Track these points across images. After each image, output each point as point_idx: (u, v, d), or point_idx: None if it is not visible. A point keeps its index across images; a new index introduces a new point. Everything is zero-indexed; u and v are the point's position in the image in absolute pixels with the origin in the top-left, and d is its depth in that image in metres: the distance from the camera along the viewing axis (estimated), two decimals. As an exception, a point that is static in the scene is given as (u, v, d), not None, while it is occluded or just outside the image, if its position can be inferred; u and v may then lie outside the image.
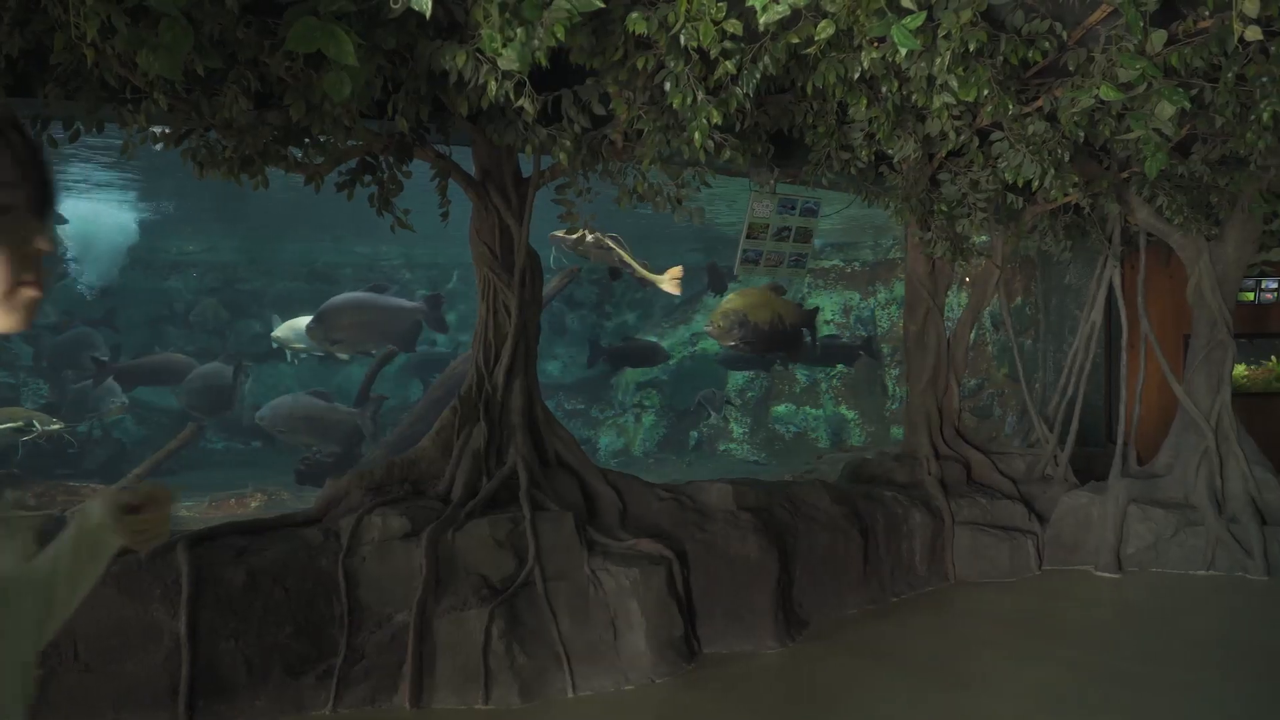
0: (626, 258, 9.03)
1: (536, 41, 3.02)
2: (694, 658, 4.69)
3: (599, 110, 4.13)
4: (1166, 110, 3.47)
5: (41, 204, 1.12)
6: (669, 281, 10.03)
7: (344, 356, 11.39)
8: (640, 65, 3.69)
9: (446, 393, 8.37)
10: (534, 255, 5.15)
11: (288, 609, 4.08)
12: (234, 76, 3.57)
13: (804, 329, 11.47)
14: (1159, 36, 3.57)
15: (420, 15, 2.82)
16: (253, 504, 8.39)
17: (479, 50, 3.34)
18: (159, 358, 12.43)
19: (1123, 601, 5.71)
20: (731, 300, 10.84)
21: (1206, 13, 3.80)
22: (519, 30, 2.99)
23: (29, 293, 1.10)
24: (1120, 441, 6.87)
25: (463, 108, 4.06)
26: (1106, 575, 6.15)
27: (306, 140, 4.14)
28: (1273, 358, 10.58)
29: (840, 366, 13.31)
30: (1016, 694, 4.23)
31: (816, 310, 12.53)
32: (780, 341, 11.11)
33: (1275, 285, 10.00)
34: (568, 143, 4.26)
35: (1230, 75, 4.04)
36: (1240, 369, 10.07)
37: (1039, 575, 6.20)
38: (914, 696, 4.22)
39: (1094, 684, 4.32)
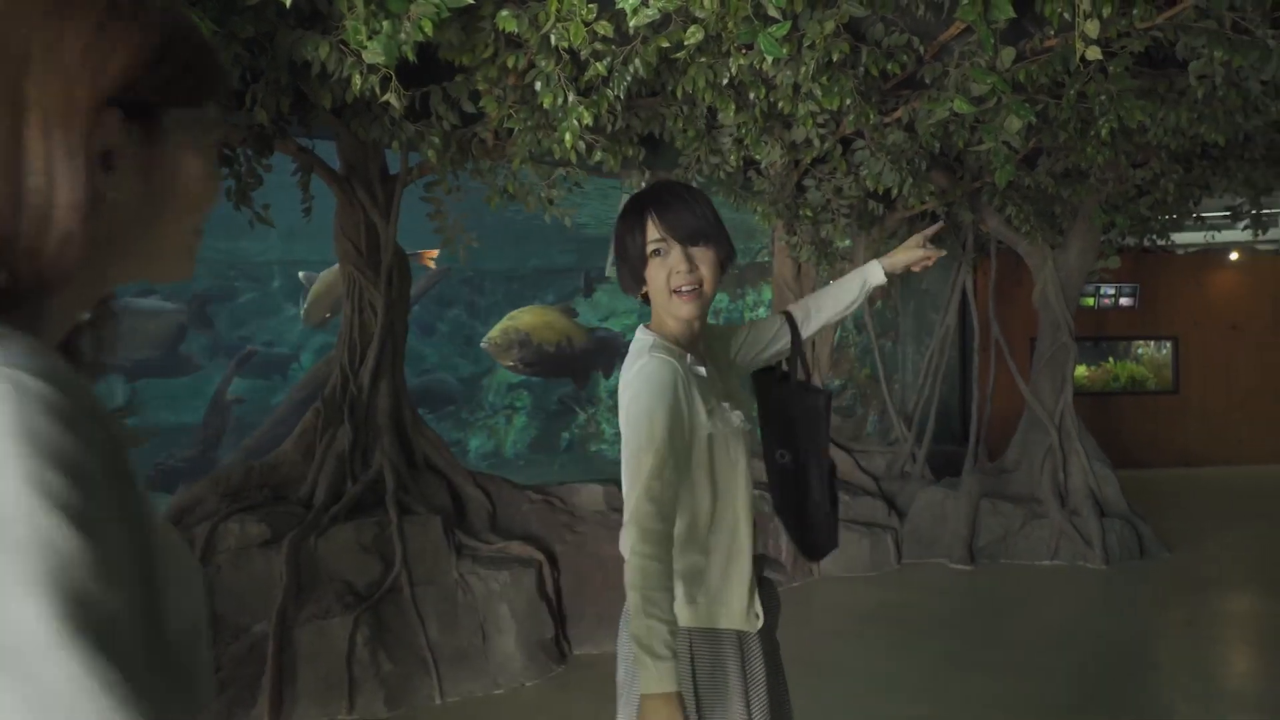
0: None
1: (403, 35, 2.95)
2: (565, 659, 4.68)
3: (469, 108, 4.07)
4: (1014, 124, 3.65)
5: None
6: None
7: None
8: (511, 64, 3.65)
9: (309, 395, 8.12)
10: (401, 253, 5.04)
11: (136, 622, 3.88)
12: (77, 60, 3.37)
13: (596, 355, 11.29)
14: (1008, 53, 3.75)
15: (280, 3, 2.72)
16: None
17: (343, 42, 3.25)
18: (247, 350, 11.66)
19: (975, 592, 5.97)
20: (515, 317, 10.59)
21: (1052, 32, 4.01)
22: (385, 23, 2.92)
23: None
24: (972, 439, 7.20)
25: (326, 100, 3.94)
26: (960, 567, 6.43)
27: (157, 129, 3.94)
28: (1110, 359, 11.30)
29: None
30: (875, 683, 4.37)
31: (613, 342, 12.40)
32: (565, 366, 10.89)
33: (1113, 291, 10.68)
34: (436, 140, 4.18)
35: (1072, 92, 4.27)
36: (1081, 370, 10.72)
37: (898, 569, 6.43)
38: (780, 690, 4.32)
39: (948, 671, 4.50)
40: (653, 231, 1.83)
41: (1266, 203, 7.50)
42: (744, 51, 3.45)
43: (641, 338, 1.88)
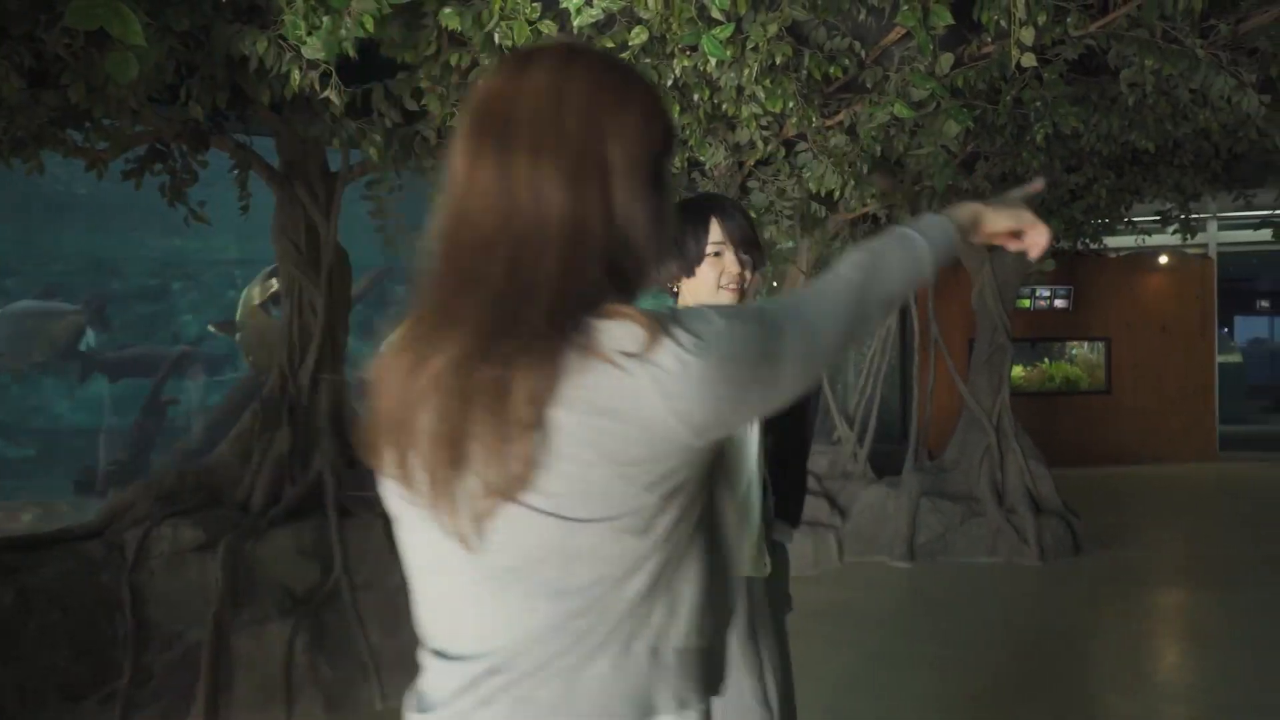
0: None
1: (344, 31, 2.91)
2: (508, 662, 4.65)
3: (411, 106, 4.02)
4: (952, 128, 3.71)
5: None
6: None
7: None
8: (454, 61, 3.61)
9: (246, 396, 7.97)
10: (342, 253, 4.97)
11: (65, 630, 3.77)
12: (5, 52, 3.26)
13: None
14: (946, 59, 3.81)
15: (216, -4, 2.66)
16: (25, 517, 7.70)
17: (281, 37, 3.19)
18: (141, 349, 11.46)
19: (915, 589, 6.07)
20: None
21: (989, 39, 4.09)
22: (325, 19, 2.87)
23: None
24: (912, 439, 7.31)
25: (264, 97, 3.87)
26: (901, 565, 6.53)
27: (88, 124, 3.84)
28: (1046, 360, 11.55)
29: None
30: (818, 680, 4.41)
31: None
32: None
33: (1048, 293, 10.92)
34: (378, 138, 4.13)
35: (1008, 98, 4.36)
36: (1018, 370, 10.94)
37: (840, 567, 6.50)
38: (724, 689, 4.34)
39: (889, 668, 4.57)
40: (715, 234, 2.15)
41: (1195, 208, 7.73)
42: (688, 53, 3.45)
43: None
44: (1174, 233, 7.73)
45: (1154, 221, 7.95)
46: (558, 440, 0.88)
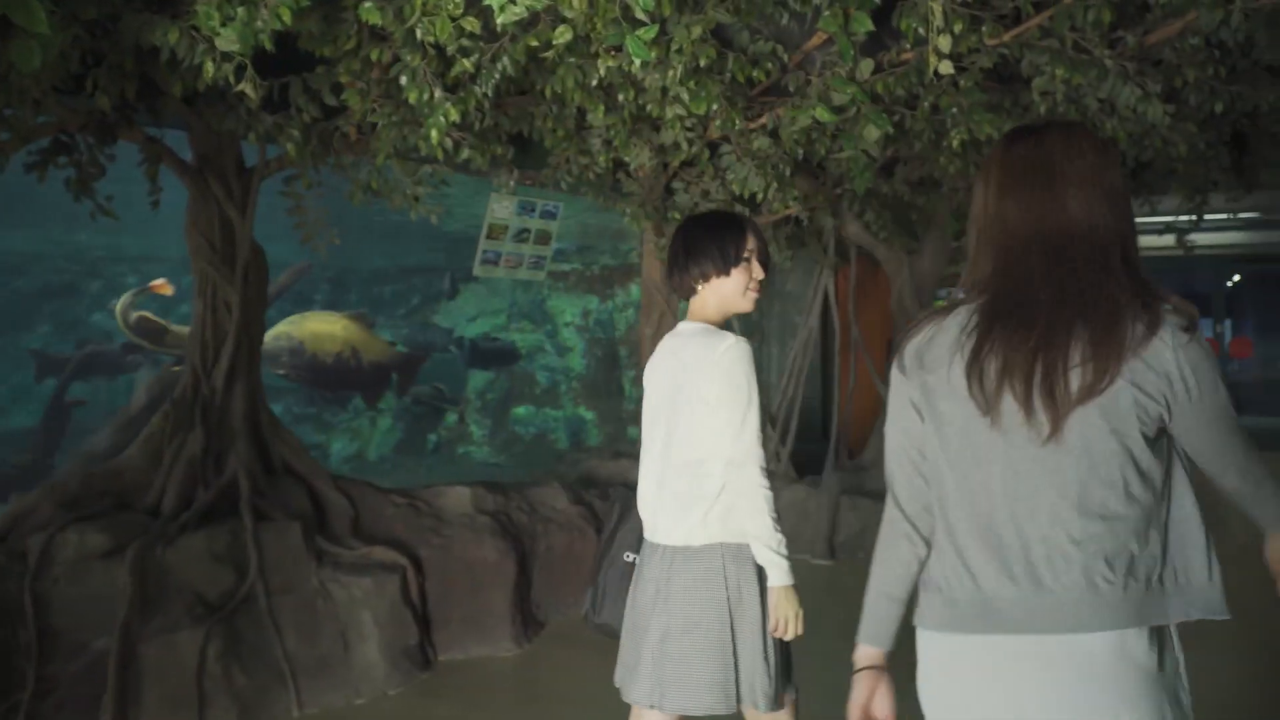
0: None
1: (260, 23, 2.83)
2: (430, 665, 4.59)
3: (330, 101, 3.94)
4: (872, 133, 3.77)
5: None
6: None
7: None
8: (375, 57, 3.55)
9: (156, 397, 7.72)
10: (258, 249, 4.85)
11: (-39, 642, 3.60)
12: (-105, 36, 3.10)
13: (393, 372, 10.97)
14: (867, 65, 3.87)
15: (124, -17, 2.57)
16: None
17: (194, 27, 3.09)
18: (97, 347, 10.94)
19: (836, 586, 6.15)
20: (294, 323, 10.25)
21: (908, 46, 4.17)
22: (240, 9, 2.79)
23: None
24: (833, 438, 7.42)
25: (176, 89, 3.75)
26: (821, 562, 6.62)
27: (-11, 114, 3.68)
28: (960, 361, 11.83)
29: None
30: (742, 680, 4.45)
31: (418, 359, 12.10)
32: (346, 380, 10.57)
33: (963, 295, 11.19)
34: (296, 133, 4.04)
35: (926, 104, 4.45)
36: (934, 371, 11.18)
37: (763, 565, 6.57)
38: (647, 689, 4.35)
39: (812, 665, 4.61)
40: (750, 243, 2.54)
41: (1102, 214, 7.99)
42: (612, 54, 3.45)
43: (700, 326, 2.51)
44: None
45: (1063, 226, 8.20)
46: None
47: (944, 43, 3.31)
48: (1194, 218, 7.62)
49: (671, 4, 3.24)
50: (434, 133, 3.35)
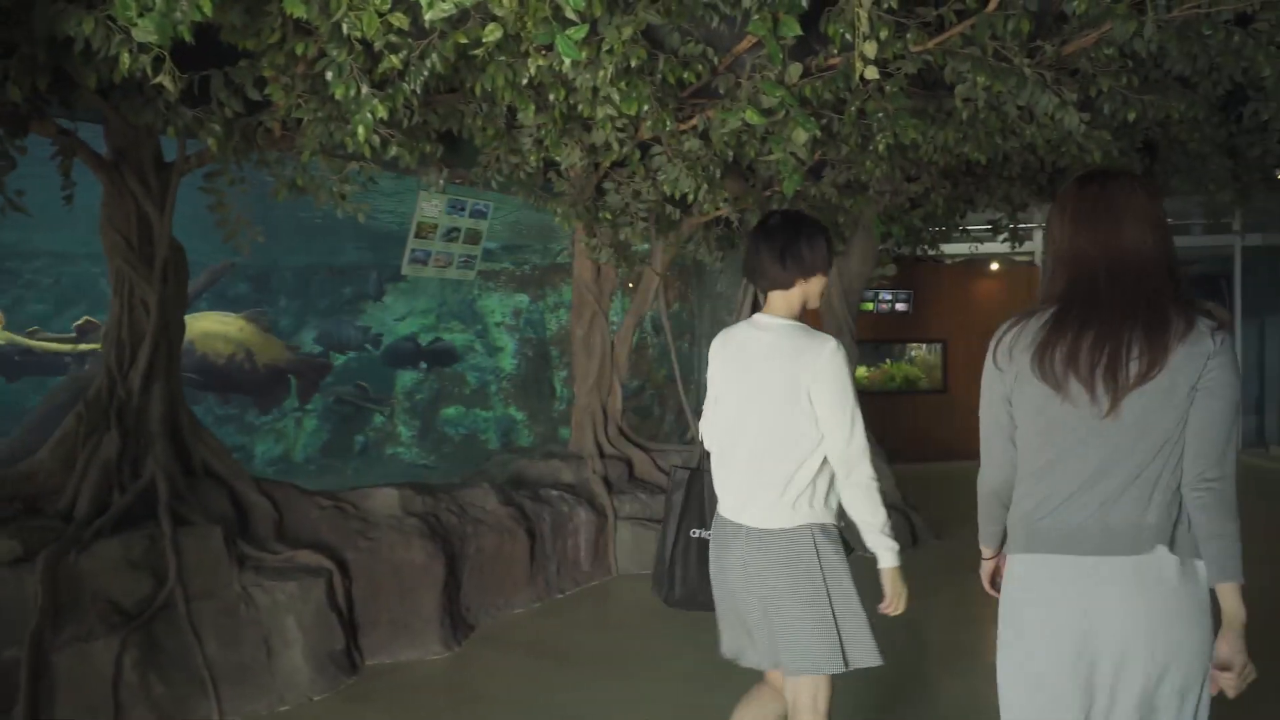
0: None
1: (179, 14, 2.75)
2: (356, 670, 4.52)
3: (254, 95, 3.85)
4: (800, 136, 3.81)
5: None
6: None
7: None
8: (300, 51, 3.48)
9: (69, 398, 7.46)
10: (178, 247, 4.72)
11: None
12: None
13: (291, 376, 10.80)
14: (795, 69, 3.92)
15: (35, -30, 2.48)
16: None
17: (110, 17, 3.00)
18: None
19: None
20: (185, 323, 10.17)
21: (835, 51, 4.23)
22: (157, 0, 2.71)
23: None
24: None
25: (91, 80, 3.63)
26: (751, 561, 6.67)
27: (-111, 104, 3.52)
28: (888, 361, 12.04)
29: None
30: (673, 676, 4.47)
31: (320, 363, 11.93)
32: (239, 382, 10.39)
33: (890, 297, 11.39)
34: (217, 127, 3.93)
35: (853, 109, 4.52)
36: (862, 371, 11.36)
37: (693, 564, 6.60)
38: (578, 688, 4.34)
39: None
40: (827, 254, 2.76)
41: (1022, 218, 8.22)
42: (543, 53, 3.44)
43: (792, 322, 2.70)
44: (1003, 241, 8.18)
45: (986, 230, 8.40)
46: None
47: (870, 49, 3.36)
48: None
49: (602, 4, 3.24)
50: (361, 129, 3.29)
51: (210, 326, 10.20)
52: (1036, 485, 2.01)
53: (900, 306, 11.31)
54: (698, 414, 7.80)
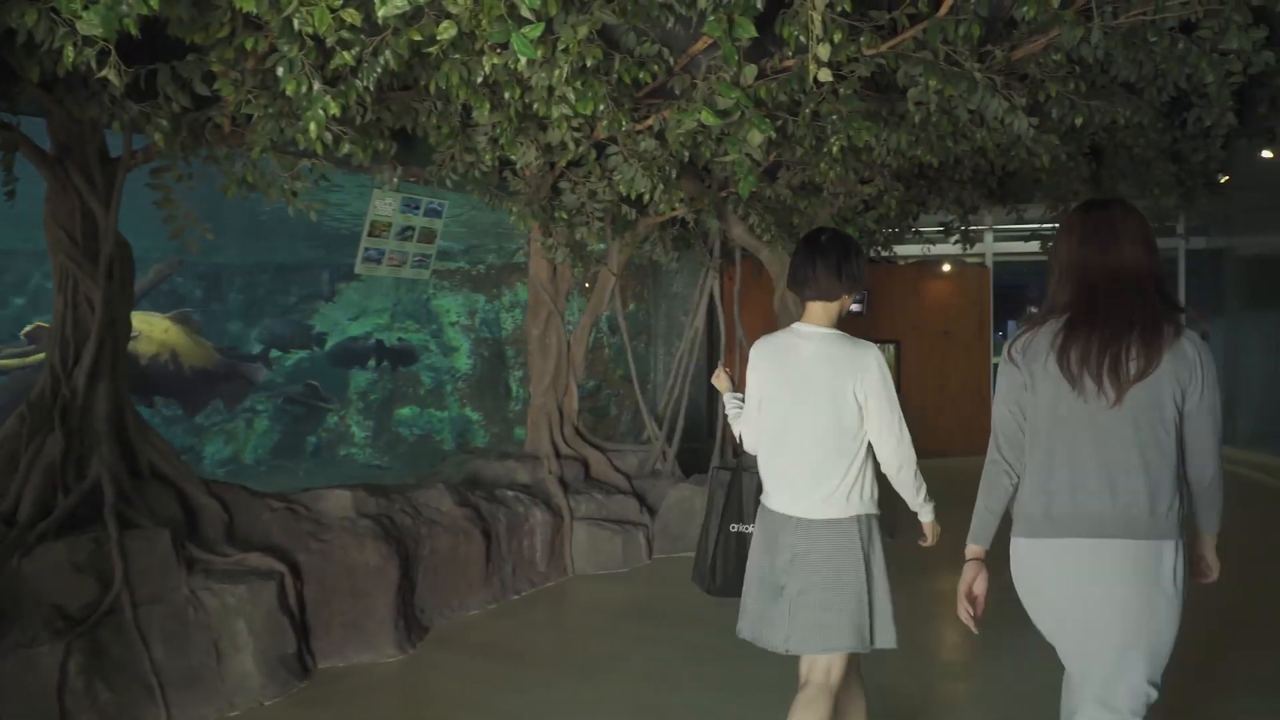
0: None
1: (125, 7, 2.70)
2: (308, 674, 4.46)
3: (202, 90, 3.78)
4: (755, 137, 3.83)
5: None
6: None
7: None
8: (250, 46, 3.43)
9: (10, 399, 7.30)
10: (124, 244, 4.63)
11: None
12: None
13: (219, 380, 10.66)
14: (750, 70, 3.94)
15: (-25, -41, 2.42)
16: None
17: (54, 10, 2.93)
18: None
19: (720, 583, 6.24)
20: None
21: (789, 53, 4.26)
22: (103, -9, 2.66)
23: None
24: (718, 437, 7.52)
25: (34, 74, 3.55)
26: (707, 560, 6.70)
27: None
28: (841, 361, 12.15)
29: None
30: (630, 677, 4.47)
31: (251, 367, 11.75)
32: (164, 385, 10.20)
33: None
34: (164, 122, 3.86)
35: (808, 111, 4.55)
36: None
37: (649, 564, 6.61)
38: (534, 689, 4.32)
39: (696, 660, 4.67)
40: None
41: (973, 220, 8.34)
42: (498, 51, 3.42)
43: (841, 333, 3.00)
44: (955, 243, 8.30)
45: (938, 232, 8.51)
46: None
47: (823, 51, 3.39)
48: (1056, 225, 8.01)
49: (558, 3, 3.23)
50: (313, 126, 3.25)
51: (135, 326, 10.01)
52: (1049, 476, 2.33)
53: (854, 307, 11.35)
54: (654, 414, 7.83)
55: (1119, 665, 2.26)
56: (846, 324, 3.11)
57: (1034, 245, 8.65)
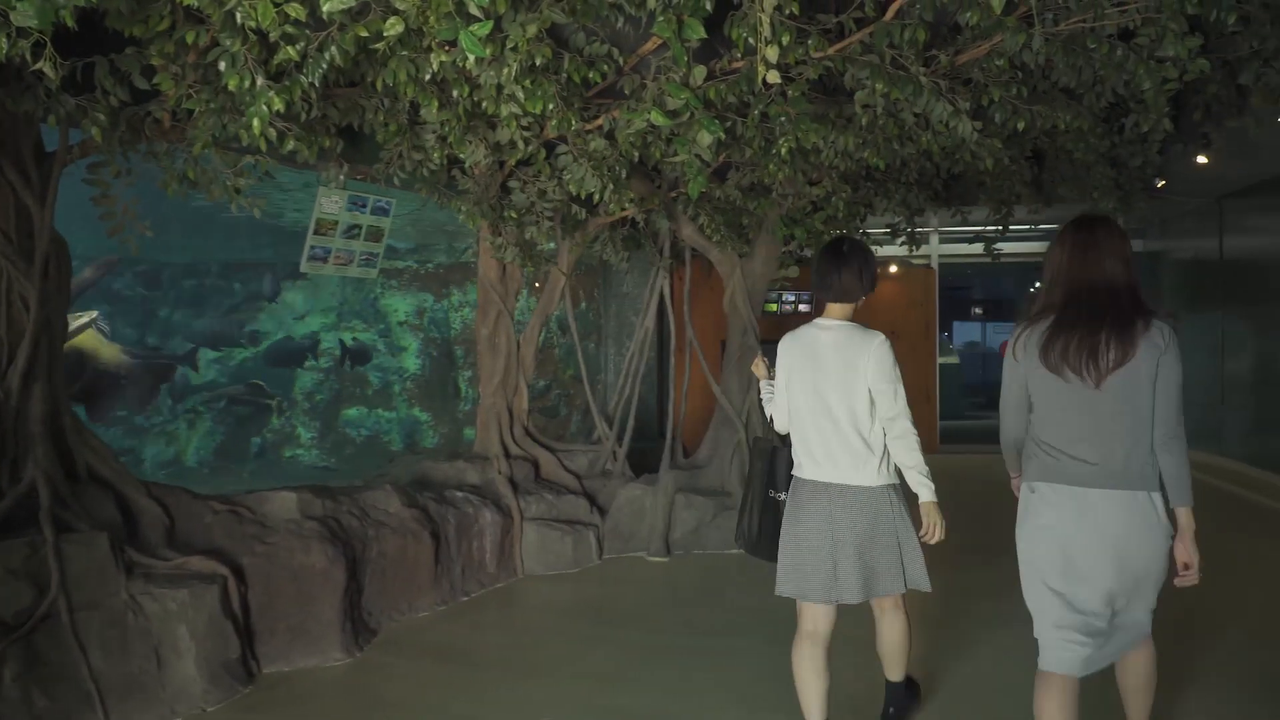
0: None
1: (61, -2, 2.64)
2: (253, 679, 4.39)
3: (142, 84, 3.70)
4: (705, 138, 3.85)
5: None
6: None
7: None
8: (191, 40, 3.37)
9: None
10: (60, 241, 4.52)
11: None
12: None
13: (125, 382, 10.55)
14: (700, 71, 3.95)
15: (-99, -54, 2.34)
16: None
17: (-14, -1, 2.85)
18: None
19: (670, 582, 6.26)
20: None
21: (738, 55, 4.28)
22: (38, -18, 2.59)
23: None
24: (669, 437, 7.54)
25: (-35, 64, 3.45)
26: (657, 560, 6.72)
27: None
28: (790, 361, 12.25)
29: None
30: (580, 677, 4.46)
31: (162, 368, 11.61)
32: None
33: (793, 298, 11.58)
34: (101, 116, 3.78)
35: (756, 112, 4.58)
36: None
37: (600, 564, 6.61)
38: (484, 691, 4.30)
39: (647, 661, 4.68)
40: None
41: (919, 222, 8.45)
42: (446, 48, 3.39)
43: (852, 323, 3.50)
44: (901, 244, 8.40)
45: (885, 233, 8.61)
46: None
47: (772, 53, 3.41)
48: (1000, 228, 8.16)
49: (506, 1, 3.22)
50: (256, 122, 3.20)
51: None
52: (1048, 438, 2.94)
53: (803, 307, 11.52)
54: (605, 414, 7.81)
55: (1106, 586, 2.86)
56: (797, 323, 3.42)
57: (978, 247, 8.79)
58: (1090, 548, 2.84)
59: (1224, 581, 5.57)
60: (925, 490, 3.36)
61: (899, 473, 3.43)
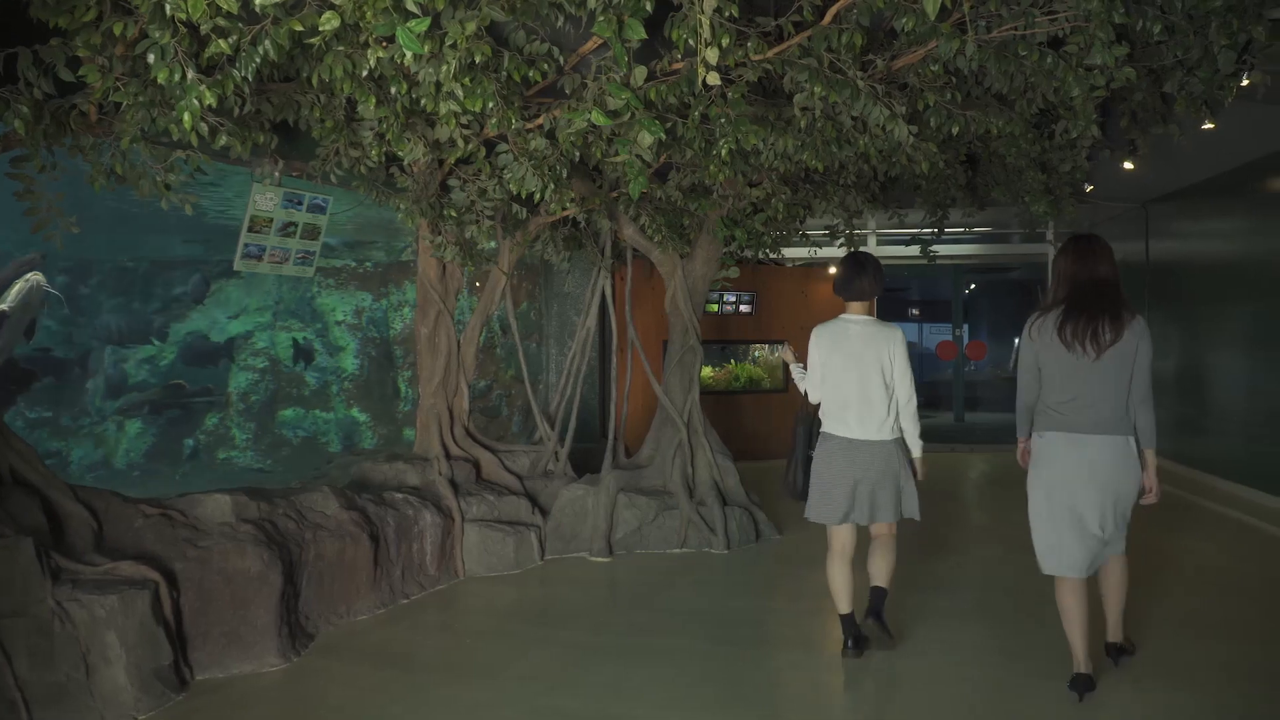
0: None
1: (-19, -14, 2.55)
2: (186, 687, 4.30)
3: (67, 76, 3.60)
4: (646, 139, 3.86)
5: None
6: None
7: None
8: (119, 31, 3.29)
9: None
10: (-18, 238, 4.37)
11: None
12: None
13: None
14: (641, 72, 3.96)
15: None
16: None
17: (-100, -15, 2.75)
18: None
19: (613, 582, 6.26)
20: None
21: (679, 56, 4.30)
22: (-44, -31, 2.51)
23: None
24: (611, 437, 7.54)
25: (-122, 53, 3.32)
26: (599, 560, 6.71)
27: None
28: (732, 361, 12.33)
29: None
30: (520, 679, 4.44)
31: (25, 371, 11.51)
32: None
33: (734, 299, 11.67)
34: (24, 109, 3.66)
35: (697, 114, 4.60)
36: (707, 371, 11.59)
37: (542, 565, 6.58)
38: (424, 695, 4.25)
39: (589, 662, 4.68)
40: None
41: (857, 224, 8.56)
42: (383, 44, 3.36)
43: (876, 319, 4.67)
44: (840, 245, 8.50)
45: (824, 235, 8.71)
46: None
47: (712, 55, 3.43)
48: (935, 230, 8.30)
49: (445, -2, 3.19)
50: (187, 116, 3.13)
51: None
52: (1057, 399, 4.01)
53: (744, 308, 11.61)
54: (546, 415, 7.77)
55: (1097, 504, 3.95)
56: (737, 324, 3.37)
57: (914, 249, 8.93)
58: (1088, 478, 3.93)
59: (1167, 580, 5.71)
60: (917, 448, 4.61)
61: (900, 430, 4.57)
